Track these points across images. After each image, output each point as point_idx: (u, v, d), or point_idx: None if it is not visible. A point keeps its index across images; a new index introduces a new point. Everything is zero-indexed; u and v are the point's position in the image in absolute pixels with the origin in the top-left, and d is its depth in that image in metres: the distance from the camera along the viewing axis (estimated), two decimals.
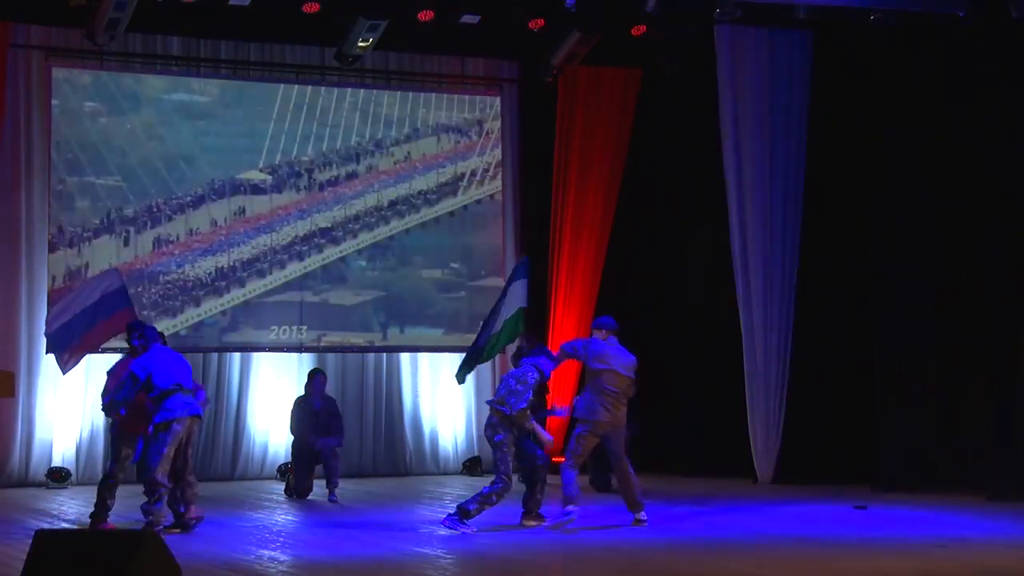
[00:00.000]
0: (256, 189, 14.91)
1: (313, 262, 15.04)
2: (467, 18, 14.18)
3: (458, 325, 15.50)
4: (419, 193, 15.49)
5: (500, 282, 15.61)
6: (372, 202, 15.30)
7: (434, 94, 15.59)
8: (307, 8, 13.83)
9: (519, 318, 12.27)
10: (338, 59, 14.67)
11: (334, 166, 15.21)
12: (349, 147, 15.27)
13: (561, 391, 15.21)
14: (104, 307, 11.43)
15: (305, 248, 15.02)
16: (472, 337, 15.38)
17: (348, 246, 15.18)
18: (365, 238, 15.26)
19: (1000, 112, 12.92)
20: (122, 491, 13.38)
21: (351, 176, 15.27)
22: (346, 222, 15.19)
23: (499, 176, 15.75)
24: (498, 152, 15.77)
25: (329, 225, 15.12)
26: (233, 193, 14.80)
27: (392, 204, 15.38)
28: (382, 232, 15.32)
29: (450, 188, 15.59)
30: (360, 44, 14.21)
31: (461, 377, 12.32)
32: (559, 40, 14.72)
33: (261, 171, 14.95)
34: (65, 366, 11.57)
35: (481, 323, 12.82)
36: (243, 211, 14.84)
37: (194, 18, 13.96)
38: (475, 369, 15.57)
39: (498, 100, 15.80)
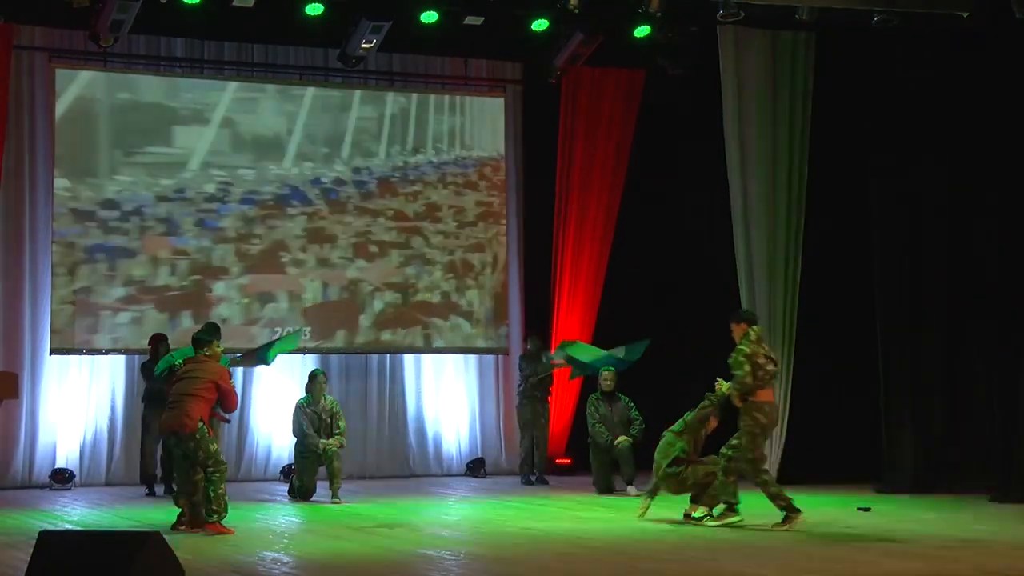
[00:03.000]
0: (261, 191, 14.90)
1: (317, 263, 15.03)
2: (470, 19, 14.18)
3: (461, 327, 15.49)
4: (422, 194, 15.48)
5: (503, 283, 15.62)
6: (375, 203, 15.29)
7: (437, 95, 15.59)
8: (310, 10, 13.81)
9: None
10: (341, 60, 14.67)
11: (338, 168, 15.21)
12: (353, 149, 15.26)
13: (563, 391, 15.22)
14: None
15: (309, 250, 15.02)
16: (473, 334, 15.52)
17: (351, 248, 15.18)
18: (368, 240, 15.25)
19: (1004, 112, 12.92)
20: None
21: (355, 178, 15.26)
22: (350, 224, 15.19)
23: (503, 177, 15.73)
24: (502, 153, 15.76)
25: (333, 227, 15.12)
26: (238, 194, 14.81)
27: (395, 205, 15.37)
28: (385, 234, 15.31)
29: (453, 189, 15.58)
30: (363, 46, 14.21)
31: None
32: (562, 41, 14.71)
33: (267, 173, 14.96)
34: None
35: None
36: (248, 213, 14.84)
37: (197, 20, 13.96)
38: (478, 369, 15.69)
39: (501, 101, 15.80)
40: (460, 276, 15.52)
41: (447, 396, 15.53)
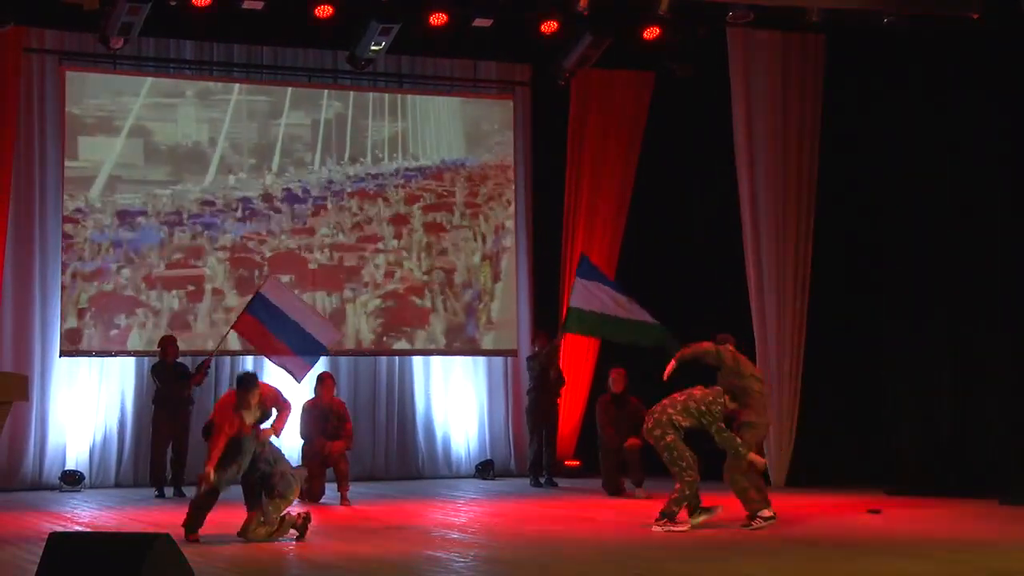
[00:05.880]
0: (269, 194, 14.90)
1: (324, 265, 15.03)
2: (479, 21, 14.18)
3: (470, 329, 15.48)
4: (430, 195, 15.48)
5: (511, 285, 15.61)
6: (383, 206, 15.30)
7: (446, 97, 15.59)
8: (320, 12, 13.83)
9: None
10: (350, 63, 14.68)
11: (345, 170, 15.22)
12: (360, 151, 15.28)
13: (573, 394, 15.18)
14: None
15: (316, 252, 15.02)
16: (478, 338, 15.50)
17: (359, 250, 15.18)
18: (377, 241, 15.25)
19: (1015, 112, 12.90)
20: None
21: (363, 179, 15.27)
22: (358, 226, 15.19)
23: (511, 179, 15.73)
24: (510, 155, 15.76)
25: (340, 229, 15.12)
26: (245, 197, 14.82)
27: (404, 207, 15.38)
28: (394, 235, 15.32)
29: (462, 191, 15.58)
30: (372, 48, 14.21)
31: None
32: (571, 43, 14.70)
33: (275, 175, 14.96)
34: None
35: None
36: (255, 215, 14.85)
37: (207, 22, 13.97)
38: (487, 370, 15.63)
39: (511, 103, 15.80)
40: (468, 277, 15.50)
41: (456, 398, 15.52)
